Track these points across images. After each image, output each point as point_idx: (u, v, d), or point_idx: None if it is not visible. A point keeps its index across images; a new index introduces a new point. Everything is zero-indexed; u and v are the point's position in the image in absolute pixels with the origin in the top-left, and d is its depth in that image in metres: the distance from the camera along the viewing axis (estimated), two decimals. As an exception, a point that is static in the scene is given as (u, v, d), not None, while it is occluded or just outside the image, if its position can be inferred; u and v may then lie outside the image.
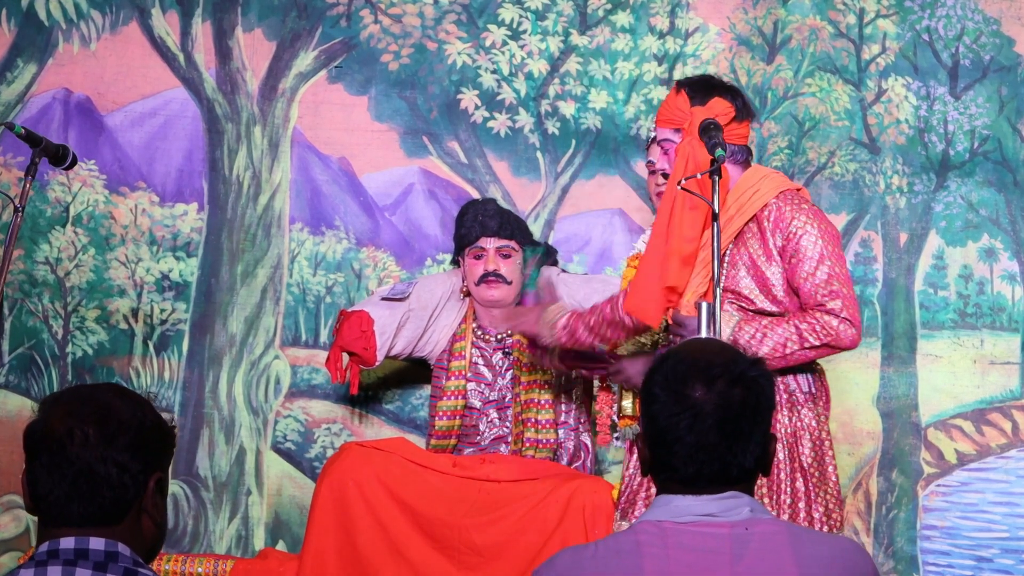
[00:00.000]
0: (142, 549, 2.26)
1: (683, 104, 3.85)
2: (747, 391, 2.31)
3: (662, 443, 2.33)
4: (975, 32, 5.17)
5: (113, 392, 2.28)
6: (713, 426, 2.29)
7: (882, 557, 4.99)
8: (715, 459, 2.30)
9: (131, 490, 2.23)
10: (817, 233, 3.74)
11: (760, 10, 5.18)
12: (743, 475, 2.32)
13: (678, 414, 2.30)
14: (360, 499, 4.33)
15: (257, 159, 5.13)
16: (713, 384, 2.30)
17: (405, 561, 4.29)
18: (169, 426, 2.32)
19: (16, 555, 4.91)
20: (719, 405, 2.29)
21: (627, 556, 2.25)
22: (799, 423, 3.76)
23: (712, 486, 2.31)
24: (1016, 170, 5.13)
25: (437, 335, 4.76)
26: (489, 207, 4.71)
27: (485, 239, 4.64)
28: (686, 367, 2.34)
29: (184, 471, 5.02)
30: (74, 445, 2.21)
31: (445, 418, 4.65)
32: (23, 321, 5.05)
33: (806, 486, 3.73)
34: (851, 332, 3.70)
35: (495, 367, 4.70)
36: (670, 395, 2.32)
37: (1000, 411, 5.07)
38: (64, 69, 5.12)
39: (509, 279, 4.65)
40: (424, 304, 4.72)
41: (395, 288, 4.73)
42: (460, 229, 4.71)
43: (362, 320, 4.62)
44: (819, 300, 3.70)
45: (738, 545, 2.25)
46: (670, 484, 2.34)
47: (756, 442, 2.32)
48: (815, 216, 3.78)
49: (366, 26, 5.18)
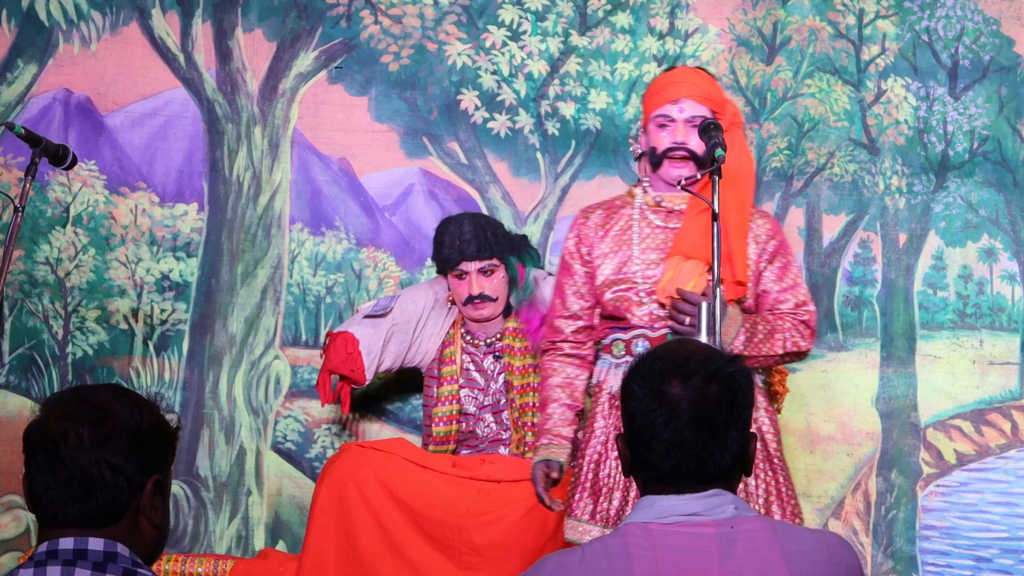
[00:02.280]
0: (142, 551, 2.26)
1: (720, 91, 3.89)
2: (724, 387, 2.32)
3: (640, 440, 2.34)
4: (975, 32, 5.17)
5: (113, 393, 2.28)
6: (689, 422, 2.30)
7: (881, 557, 4.99)
8: (692, 456, 2.30)
9: (126, 492, 2.23)
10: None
11: (760, 11, 5.18)
12: (721, 473, 2.32)
13: (655, 410, 2.31)
14: (360, 499, 4.33)
15: (257, 159, 5.14)
16: (690, 380, 2.32)
17: (405, 561, 4.29)
18: (170, 428, 2.31)
19: (16, 555, 4.91)
20: (695, 401, 2.31)
21: (616, 559, 2.25)
22: (765, 416, 3.79)
23: (691, 484, 2.31)
24: (1015, 170, 5.13)
25: (425, 344, 4.74)
26: (465, 231, 4.61)
27: (465, 263, 4.62)
28: (663, 364, 2.35)
29: (184, 471, 5.03)
30: (68, 446, 2.21)
31: (442, 424, 4.65)
32: (23, 321, 5.05)
33: (776, 479, 3.76)
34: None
35: (487, 371, 4.70)
36: (647, 392, 2.33)
37: (999, 411, 5.07)
38: (64, 69, 5.13)
39: (494, 296, 4.63)
40: (408, 317, 4.69)
41: (377, 304, 4.70)
42: (439, 253, 4.66)
43: (347, 342, 4.59)
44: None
45: (726, 544, 2.25)
46: (651, 484, 2.34)
47: (733, 439, 2.33)
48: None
49: (366, 27, 5.19)
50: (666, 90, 3.86)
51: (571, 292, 3.93)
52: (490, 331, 4.69)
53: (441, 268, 4.70)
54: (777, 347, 3.76)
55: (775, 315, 3.81)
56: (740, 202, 3.77)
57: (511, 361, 4.64)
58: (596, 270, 3.86)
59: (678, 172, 3.78)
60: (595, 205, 4.01)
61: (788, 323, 3.80)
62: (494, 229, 4.68)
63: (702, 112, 3.82)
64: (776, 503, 3.75)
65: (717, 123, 3.75)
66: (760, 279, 3.84)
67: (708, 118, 3.80)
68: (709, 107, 3.83)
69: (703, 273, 3.72)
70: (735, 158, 3.74)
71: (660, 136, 3.83)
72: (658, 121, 3.84)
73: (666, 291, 3.73)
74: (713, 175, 3.60)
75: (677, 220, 3.83)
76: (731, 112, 3.87)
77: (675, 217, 3.83)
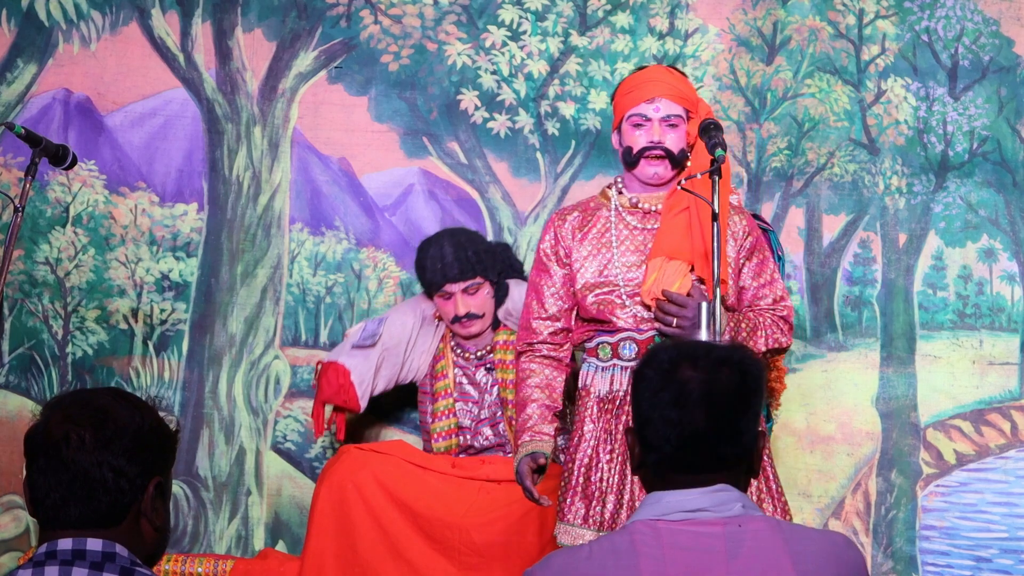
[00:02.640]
0: (142, 552, 2.26)
1: (693, 90, 3.89)
2: (736, 373, 2.32)
3: (647, 421, 2.33)
4: (974, 33, 5.17)
5: (113, 396, 2.28)
6: (699, 402, 2.29)
7: (881, 557, 4.99)
8: (699, 439, 2.30)
9: (128, 494, 2.24)
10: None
11: (760, 11, 5.18)
12: (727, 461, 2.32)
13: (663, 389, 2.31)
14: (360, 501, 4.33)
15: (257, 159, 5.13)
16: (701, 363, 2.32)
17: (405, 562, 4.30)
18: (170, 430, 2.32)
19: (16, 555, 4.91)
20: (706, 382, 2.30)
21: (623, 556, 2.25)
22: None
23: (696, 471, 2.31)
24: (1015, 171, 5.13)
25: (417, 362, 4.74)
26: (447, 254, 4.58)
27: (449, 284, 4.61)
28: (677, 353, 2.36)
29: (184, 471, 5.03)
30: (70, 449, 2.21)
31: (442, 439, 4.64)
32: (23, 321, 5.05)
33: (766, 476, 3.76)
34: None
35: (480, 384, 4.69)
36: (659, 374, 2.33)
37: (999, 411, 5.07)
38: (64, 69, 5.13)
39: (481, 312, 4.62)
40: (397, 340, 4.68)
41: (365, 331, 4.67)
42: (423, 277, 4.65)
43: (339, 373, 4.59)
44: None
45: (733, 542, 2.25)
46: (658, 470, 2.33)
47: (744, 427, 2.32)
48: None
49: (366, 27, 5.18)
50: (640, 89, 3.87)
51: (549, 293, 3.92)
52: (480, 344, 4.69)
53: (426, 290, 4.69)
54: (760, 344, 3.77)
55: (755, 312, 3.82)
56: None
57: (504, 376, 4.63)
58: (576, 273, 3.86)
59: (654, 171, 3.80)
60: (570, 207, 4.01)
61: (768, 319, 3.81)
62: (475, 247, 4.64)
63: (677, 111, 3.84)
64: (768, 500, 3.75)
65: (717, 123, 3.76)
66: (739, 275, 3.85)
67: (680, 115, 3.84)
68: (683, 106, 3.85)
69: (687, 274, 3.73)
70: (708, 156, 3.75)
71: (635, 135, 3.84)
72: (633, 120, 3.85)
73: (651, 292, 3.73)
74: (713, 175, 3.60)
75: (654, 220, 3.83)
76: (704, 111, 3.89)
77: (652, 218, 3.84)
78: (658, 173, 3.82)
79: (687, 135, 3.86)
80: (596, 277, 3.82)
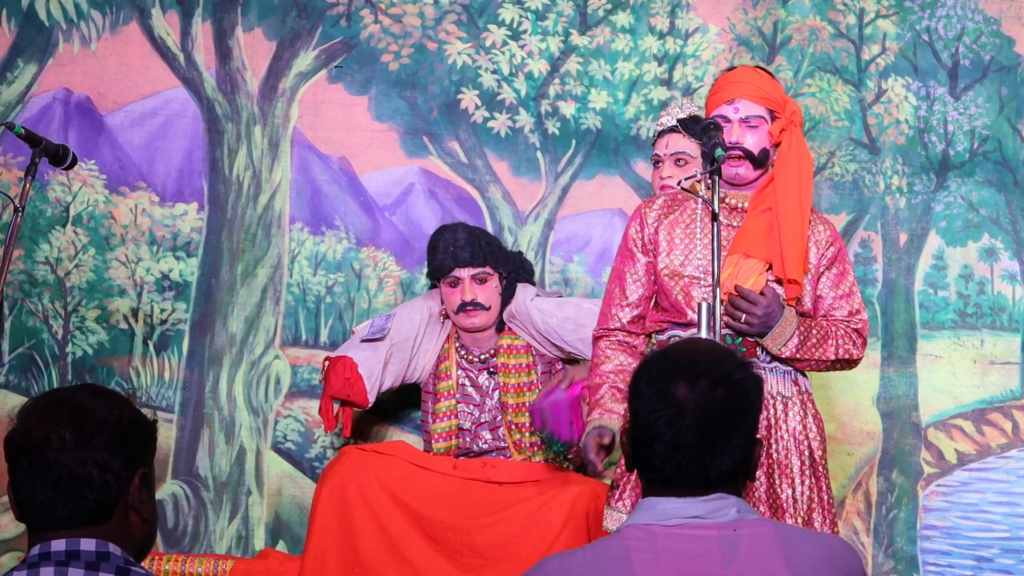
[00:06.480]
0: (132, 547, 2.26)
1: (780, 90, 3.90)
2: (730, 392, 2.31)
3: (642, 439, 2.33)
4: (975, 32, 5.17)
5: (89, 392, 2.28)
6: (692, 425, 2.29)
7: (882, 557, 4.99)
8: (692, 459, 2.30)
9: (114, 488, 2.24)
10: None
11: (760, 10, 5.18)
12: (722, 478, 2.31)
13: (658, 411, 2.30)
14: (361, 502, 4.32)
15: (257, 159, 5.13)
16: (696, 383, 2.31)
17: (407, 563, 4.29)
18: (148, 420, 2.32)
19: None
20: (700, 404, 2.29)
21: (617, 561, 2.25)
22: (812, 422, 3.79)
23: (692, 487, 2.31)
24: (1016, 170, 5.13)
25: (423, 360, 4.73)
26: (460, 237, 4.62)
27: (459, 269, 4.62)
28: (671, 364, 2.34)
29: (184, 471, 5.02)
30: (52, 449, 2.21)
31: (441, 440, 4.64)
32: (23, 321, 5.05)
33: (819, 487, 3.76)
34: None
35: (482, 387, 4.68)
36: (653, 391, 2.32)
37: (1000, 411, 5.07)
38: (64, 69, 5.13)
39: (487, 305, 4.63)
40: (405, 336, 4.68)
41: (373, 326, 4.67)
42: (433, 260, 4.66)
43: (346, 366, 4.58)
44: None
45: (728, 547, 2.25)
46: (652, 485, 2.34)
47: (736, 445, 2.32)
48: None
49: (366, 26, 5.18)
50: (723, 90, 3.89)
51: (632, 280, 3.92)
52: (483, 346, 4.68)
53: (435, 275, 4.69)
54: (829, 353, 3.77)
55: (829, 321, 3.82)
56: (799, 201, 3.78)
57: (506, 380, 4.62)
58: (657, 258, 3.87)
59: (735, 171, 3.82)
60: (659, 195, 4.05)
61: (842, 330, 3.81)
62: (488, 239, 4.70)
63: (758, 111, 3.85)
64: (817, 511, 3.74)
65: (717, 123, 3.77)
66: (817, 284, 3.84)
67: (760, 115, 3.84)
68: (766, 106, 3.85)
69: (762, 272, 3.75)
70: (793, 157, 3.78)
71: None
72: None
73: (725, 288, 3.74)
74: (713, 175, 3.61)
75: (740, 218, 3.85)
76: (790, 111, 3.89)
77: (738, 214, 3.85)
78: (740, 174, 3.83)
79: (769, 135, 3.86)
80: (679, 267, 3.83)
